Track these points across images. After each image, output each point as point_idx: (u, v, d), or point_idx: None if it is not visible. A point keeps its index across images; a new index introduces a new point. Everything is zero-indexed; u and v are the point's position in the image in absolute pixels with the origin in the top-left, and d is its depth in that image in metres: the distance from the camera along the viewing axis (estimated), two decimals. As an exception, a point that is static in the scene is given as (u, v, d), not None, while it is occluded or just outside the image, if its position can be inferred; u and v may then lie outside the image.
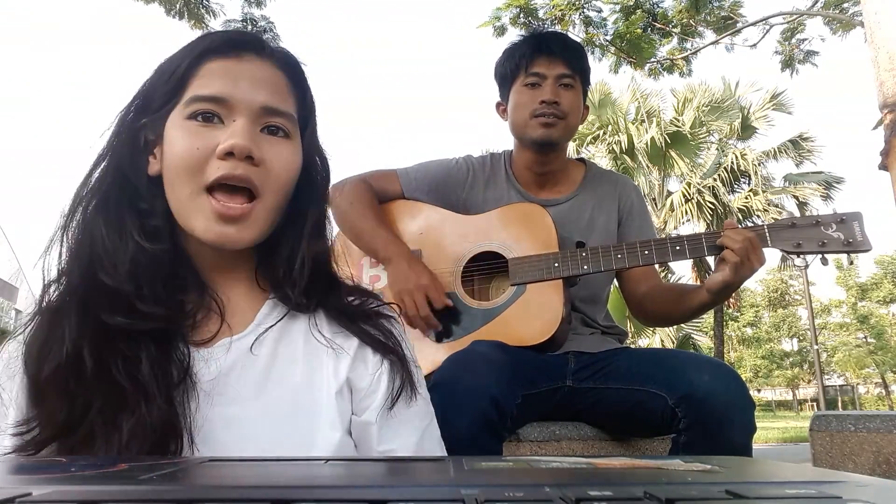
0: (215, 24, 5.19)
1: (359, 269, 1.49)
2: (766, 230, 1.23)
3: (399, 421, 0.65)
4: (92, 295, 0.59)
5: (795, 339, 39.16)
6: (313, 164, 0.70)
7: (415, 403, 0.67)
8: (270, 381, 0.62)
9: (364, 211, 1.45)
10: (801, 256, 1.24)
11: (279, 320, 0.66)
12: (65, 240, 0.61)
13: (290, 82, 0.68)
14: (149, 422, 0.53)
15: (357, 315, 0.69)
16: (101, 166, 0.63)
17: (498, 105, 1.56)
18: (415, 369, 0.69)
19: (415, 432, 0.66)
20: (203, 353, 0.61)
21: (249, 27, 5.21)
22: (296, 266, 0.67)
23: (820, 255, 1.22)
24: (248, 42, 0.66)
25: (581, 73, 1.46)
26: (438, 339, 1.36)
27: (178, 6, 5.05)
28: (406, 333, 0.74)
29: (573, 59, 1.45)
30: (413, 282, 1.34)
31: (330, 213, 1.49)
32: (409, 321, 1.35)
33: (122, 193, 0.62)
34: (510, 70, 1.48)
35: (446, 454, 0.71)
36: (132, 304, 0.58)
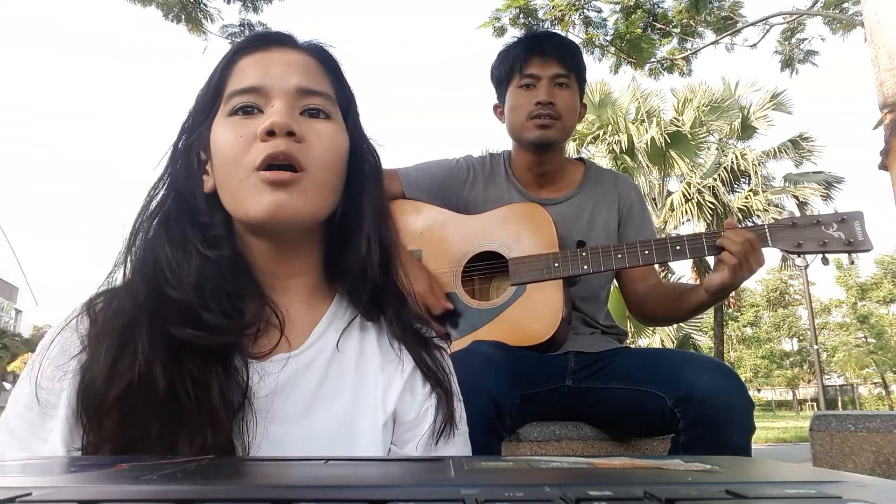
0: (212, 29, 5.20)
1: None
2: (767, 230, 1.23)
3: (436, 454, 0.65)
4: (160, 309, 0.57)
5: (795, 339, 39.15)
6: (362, 150, 0.69)
7: (453, 439, 0.66)
8: (317, 403, 0.61)
9: None
10: (802, 256, 1.24)
11: (338, 337, 0.64)
12: (128, 261, 0.61)
13: (324, 68, 0.67)
14: (211, 447, 0.52)
15: (419, 337, 0.68)
16: (160, 191, 0.64)
17: (495, 107, 1.56)
18: (458, 405, 0.68)
19: None
20: (259, 367, 0.59)
21: (247, 32, 5.21)
22: (365, 255, 0.66)
23: (821, 255, 1.22)
24: (278, 37, 0.67)
25: (576, 71, 1.46)
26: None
27: (175, 10, 5.05)
28: (451, 366, 0.72)
29: (567, 58, 1.44)
30: (413, 287, 1.34)
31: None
32: None
33: (182, 211, 0.63)
34: (505, 72, 1.48)
35: None
36: (199, 315, 0.57)
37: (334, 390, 0.63)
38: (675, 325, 12.01)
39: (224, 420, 0.54)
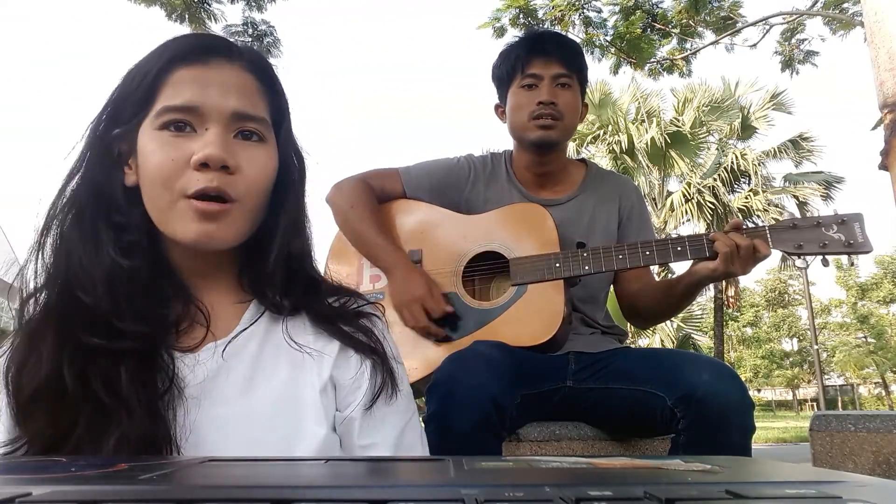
0: (216, 28, 5.20)
1: (359, 268, 1.49)
2: (768, 231, 1.23)
3: (380, 416, 0.66)
4: (69, 314, 0.58)
5: (795, 339, 39.16)
6: (290, 164, 0.70)
7: (395, 400, 0.68)
8: (255, 381, 0.63)
9: (364, 214, 1.44)
10: (802, 258, 1.24)
11: (253, 322, 0.67)
12: (41, 256, 0.61)
13: (262, 85, 0.67)
14: (132, 435, 0.54)
15: (337, 317, 0.70)
16: (75, 179, 0.63)
17: (496, 107, 1.56)
18: (396, 366, 0.70)
19: (395, 427, 0.67)
20: (188, 359, 0.61)
21: (250, 31, 5.22)
22: (273, 265, 0.68)
23: (821, 257, 1.22)
24: (216, 47, 0.66)
25: (578, 71, 1.46)
26: (439, 340, 1.36)
27: (179, 10, 5.05)
28: (388, 331, 0.74)
29: (569, 58, 1.44)
30: (409, 294, 1.34)
31: (330, 210, 1.48)
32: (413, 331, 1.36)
33: (98, 206, 0.62)
34: (506, 72, 1.48)
35: (427, 449, 0.72)
36: (110, 322, 0.58)
37: (270, 367, 0.65)
38: (675, 325, 12.01)
39: (138, 408, 0.55)
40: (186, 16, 5.06)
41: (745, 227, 1.26)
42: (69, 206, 0.62)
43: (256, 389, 0.63)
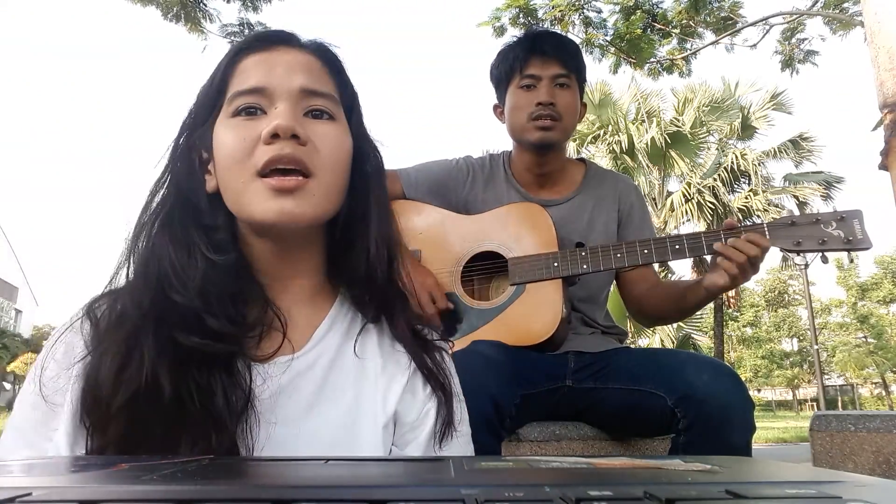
0: (212, 28, 5.19)
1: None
2: (766, 228, 1.23)
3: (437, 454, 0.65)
4: (165, 314, 0.57)
5: (795, 339, 39.16)
6: (366, 150, 0.69)
7: (456, 441, 0.66)
8: (320, 403, 0.61)
9: None
10: (802, 255, 1.24)
11: (338, 339, 0.64)
12: (131, 263, 0.61)
13: (327, 67, 0.67)
14: (215, 451, 0.52)
15: (419, 339, 0.68)
16: (162, 190, 0.63)
17: (495, 107, 1.55)
18: (458, 406, 0.68)
19: None
20: (261, 369, 0.59)
21: (246, 31, 5.21)
22: (374, 257, 0.65)
23: (820, 254, 1.22)
24: (280, 36, 0.66)
25: (576, 71, 1.45)
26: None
27: (175, 9, 5.04)
28: (454, 369, 0.72)
29: (567, 58, 1.44)
30: (418, 282, 1.34)
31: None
32: None
33: (185, 212, 0.62)
34: (505, 72, 1.47)
35: None
36: (203, 321, 0.57)
37: (335, 392, 0.62)
38: (675, 325, 12.01)
39: (228, 424, 0.54)
40: (182, 15, 5.05)
41: (741, 225, 1.26)
42: (156, 214, 0.62)
43: (318, 413, 0.61)
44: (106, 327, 0.57)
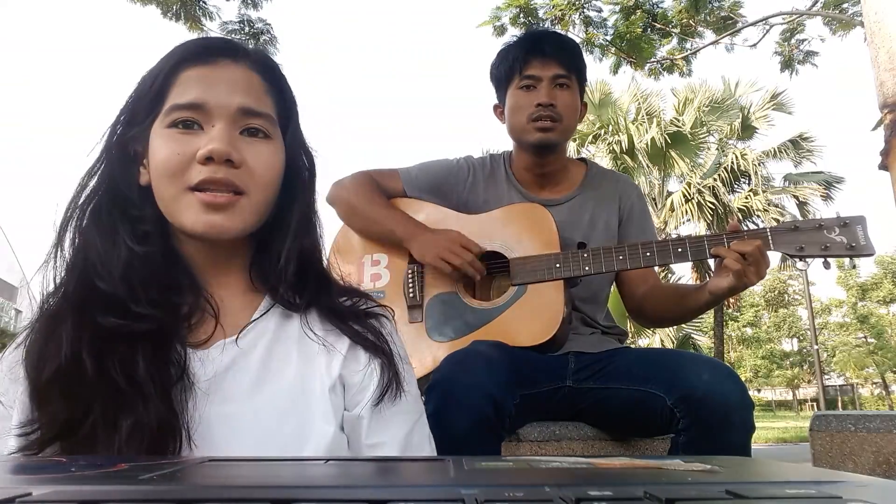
0: (212, 26, 5.19)
1: (359, 268, 1.49)
2: (769, 233, 1.23)
3: (388, 416, 0.67)
4: (88, 299, 0.60)
5: (795, 339, 39.16)
6: (298, 162, 0.72)
7: (404, 399, 0.69)
8: (265, 378, 0.64)
9: (371, 197, 1.46)
10: (804, 260, 1.24)
11: (271, 319, 0.68)
12: (60, 251, 0.63)
13: (267, 83, 0.69)
14: (147, 421, 0.55)
15: (348, 314, 0.71)
16: (94, 178, 0.66)
17: (495, 108, 1.55)
18: (404, 367, 0.71)
19: (403, 426, 0.68)
20: (199, 354, 0.62)
21: (246, 28, 5.21)
22: (284, 261, 0.69)
23: (822, 259, 1.22)
24: (223, 48, 0.68)
25: (576, 71, 1.45)
26: (439, 339, 1.36)
27: (174, 8, 5.04)
28: (397, 332, 0.75)
29: (567, 58, 1.44)
30: (443, 240, 1.36)
31: (333, 209, 1.48)
32: (458, 272, 1.36)
33: (114, 203, 0.65)
34: (505, 73, 1.47)
35: (434, 450, 0.73)
36: (127, 306, 0.60)
37: (280, 364, 0.65)
38: (675, 326, 12.01)
39: (153, 394, 0.56)
40: (182, 13, 5.04)
41: (744, 229, 1.26)
42: (87, 202, 0.65)
43: (265, 387, 0.63)
44: (37, 315, 0.62)
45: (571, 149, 11.10)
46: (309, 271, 0.71)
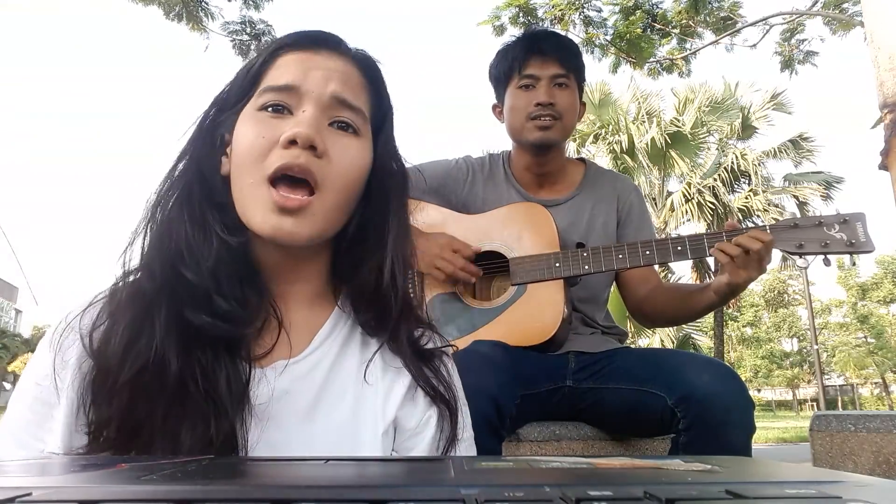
0: (213, 27, 5.19)
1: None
2: (769, 230, 1.23)
3: None
4: (177, 290, 0.56)
5: (795, 339, 39.16)
6: (389, 168, 0.67)
7: (458, 448, 0.66)
8: (319, 410, 0.60)
9: None
10: (803, 257, 1.24)
11: (338, 346, 0.64)
12: (147, 232, 0.60)
13: (366, 80, 0.66)
14: (213, 437, 0.52)
15: (418, 352, 0.67)
16: (183, 163, 0.62)
17: (494, 107, 1.55)
18: (461, 415, 0.67)
19: None
20: (259, 372, 0.58)
21: (248, 29, 5.21)
22: (388, 278, 0.64)
23: (822, 256, 1.22)
24: (326, 38, 0.65)
25: (575, 71, 1.45)
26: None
27: (177, 8, 5.04)
28: (456, 372, 0.71)
29: (566, 57, 1.44)
30: (436, 246, 1.36)
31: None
32: (452, 279, 1.36)
33: (203, 189, 0.61)
34: (504, 72, 1.47)
35: None
36: (213, 300, 0.56)
37: (335, 397, 0.62)
38: (676, 326, 12.01)
39: (229, 410, 0.53)
40: (184, 14, 5.05)
41: (743, 227, 1.26)
42: (175, 187, 0.61)
43: (318, 420, 0.60)
44: (119, 301, 0.57)
45: (571, 149, 11.11)
46: (398, 291, 0.66)
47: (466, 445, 0.68)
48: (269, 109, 0.61)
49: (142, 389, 0.52)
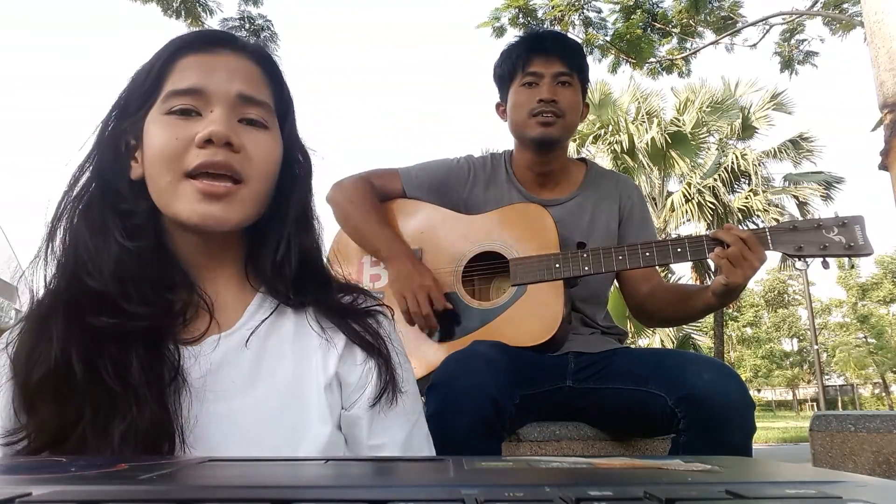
0: (212, 23, 5.20)
1: (359, 268, 1.49)
2: (768, 233, 1.23)
3: (388, 416, 0.66)
4: (78, 298, 0.59)
5: (795, 339, 39.16)
6: (294, 158, 0.71)
7: (402, 401, 0.68)
8: (259, 376, 0.63)
9: (366, 208, 1.45)
10: (802, 259, 1.24)
11: (268, 315, 0.67)
12: (50, 249, 0.62)
13: (266, 75, 0.68)
14: (141, 425, 0.54)
15: (346, 312, 0.70)
16: (85, 174, 0.64)
17: (497, 106, 1.56)
18: (401, 368, 0.70)
19: (403, 428, 0.67)
20: (192, 350, 0.61)
21: (247, 25, 5.22)
22: (282, 258, 0.68)
23: (821, 259, 1.22)
24: (222, 37, 0.67)
25: (579, 70, 1.46)
26: (439, 339, 1.36)
27: (175, 5, 5.05)
28: (395, 331, 0.74)
29: (570, 57, 1.44)
30: (416, 281, 1.34)
31: (331, 209, 1.47)
32: (410, 319, 1.35)
33: (105, 198, 0.63)
34: (507, 70, 1.48)
35: (433, 450, 0.72)
36: (118, 304, 0.58)
37: (275, 361, 0.64)
38: (677, 326, 12.02)
39: (148, 397, 0.55)
40: (183, 11, 5.05)
41: (742, 229, 1.26)
42: (78, 198, 0.63)
43: (260, 385, 0.62)
44: (26, 316, 0.60)
45: (571, 149, 11.08)
46: (308, 267, 0.70)
47: (411, 399, 0.70)
48: (178, 113, 0.62)
49: (53, 394, 0.54)
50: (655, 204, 12.39)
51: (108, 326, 0.57)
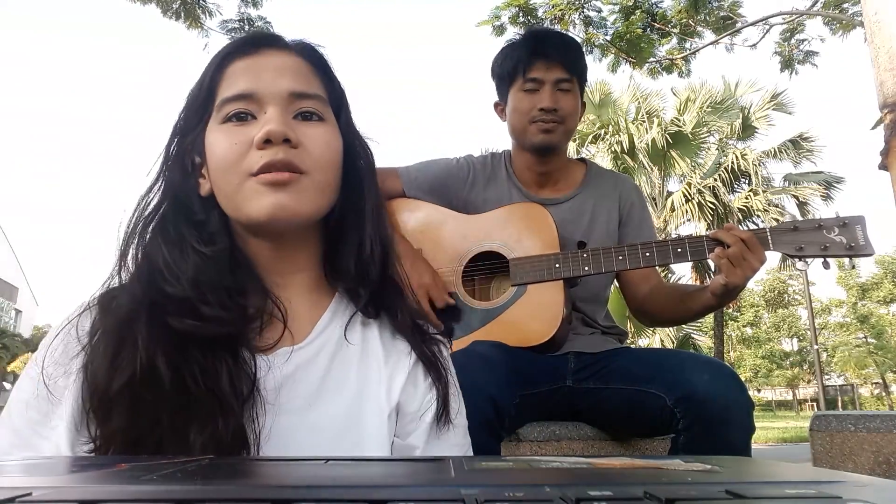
0: (212, 24, 5.18)
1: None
2: (768, 233, 1.23)
3: (439, 448, 0.66)
4: (158, 302, 0.58)
5: (795, 339, 39.15)
6: (354, 150, 0.70)
7: (452, 433, 0.67)
8: (323, 394, 0.62)
9: None
10: (803, 260, 1.24)
11: (340, 331, 0.65)
12: (123, 267, 0.61)
13: (315, 68, 0.68)
14: (224, 434, 0.53)
15: (419, 333, 0.69)
16: (155, 196, 0.64)
17: (496, 105, 1.55)
18: (455, 399, 0.69)
19: None
20: (266, 359, 0.60)
21: (246, 27, 5.20)
22: (368, 253, 0.66)
23: (822, 259, 1.22)
24: (266, 38, 0.67)
25: (578, 74, 1.45)
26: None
27: (175, 6, 5.03)
28: (451, 362, 0.73)
29: (570, 61, 1.44)
30: (415, 280, 1.34)
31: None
32: None
33: (178, 214, 0.63)
34: (508, 71, 1.47)
35: None
36: (198, 309, 0.58)
37: (339, 382, 0.63)
38: (676, 326, 12.01)
39: (234, 407, 0.54)
40: (182, 12, 5.03)
41: (742, 229, 1.26)
42: (150, 219, 0.63)
43: (323, 403, 0.61)
44: (102, 319, 0.58)
45: (571, 149, 11.08)
46: (388, 268, 0.68)
47: (461, 432, 0.69)
48: (234, 119, 0.63)
49: (138, 400, 0.53)
50: (655, 204, 12.39)
51: (191, 329, 0.56)
